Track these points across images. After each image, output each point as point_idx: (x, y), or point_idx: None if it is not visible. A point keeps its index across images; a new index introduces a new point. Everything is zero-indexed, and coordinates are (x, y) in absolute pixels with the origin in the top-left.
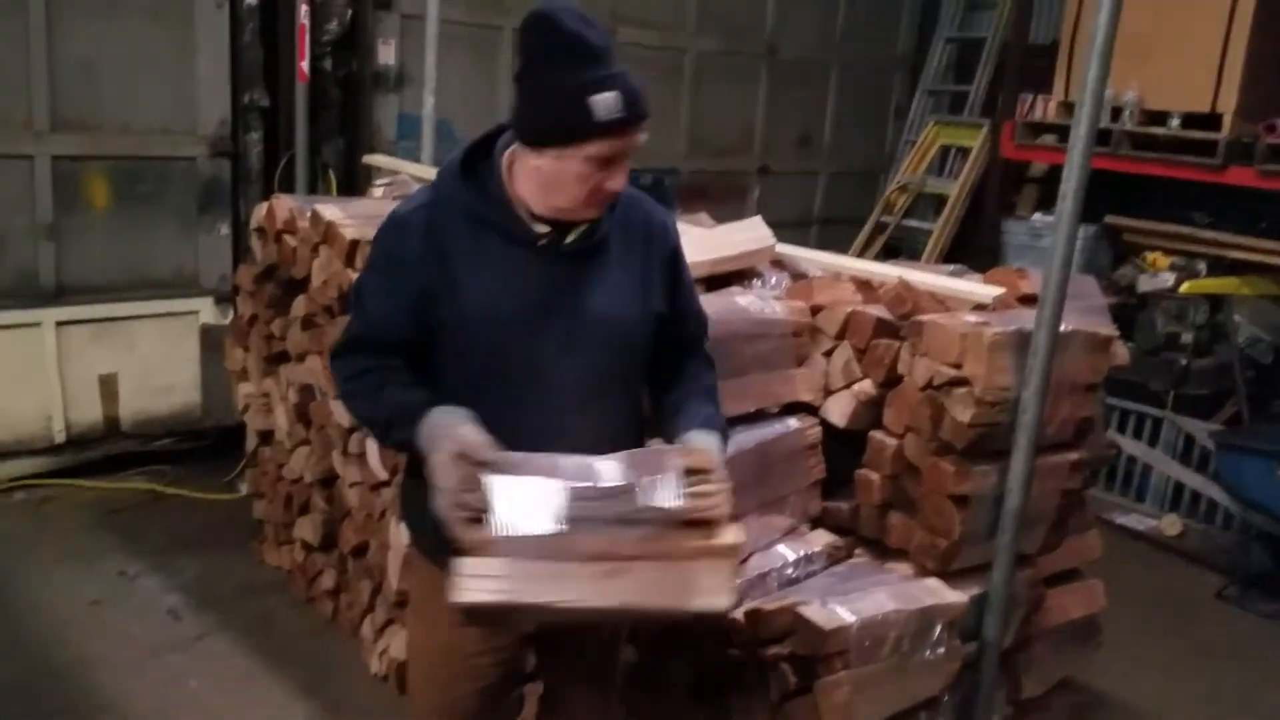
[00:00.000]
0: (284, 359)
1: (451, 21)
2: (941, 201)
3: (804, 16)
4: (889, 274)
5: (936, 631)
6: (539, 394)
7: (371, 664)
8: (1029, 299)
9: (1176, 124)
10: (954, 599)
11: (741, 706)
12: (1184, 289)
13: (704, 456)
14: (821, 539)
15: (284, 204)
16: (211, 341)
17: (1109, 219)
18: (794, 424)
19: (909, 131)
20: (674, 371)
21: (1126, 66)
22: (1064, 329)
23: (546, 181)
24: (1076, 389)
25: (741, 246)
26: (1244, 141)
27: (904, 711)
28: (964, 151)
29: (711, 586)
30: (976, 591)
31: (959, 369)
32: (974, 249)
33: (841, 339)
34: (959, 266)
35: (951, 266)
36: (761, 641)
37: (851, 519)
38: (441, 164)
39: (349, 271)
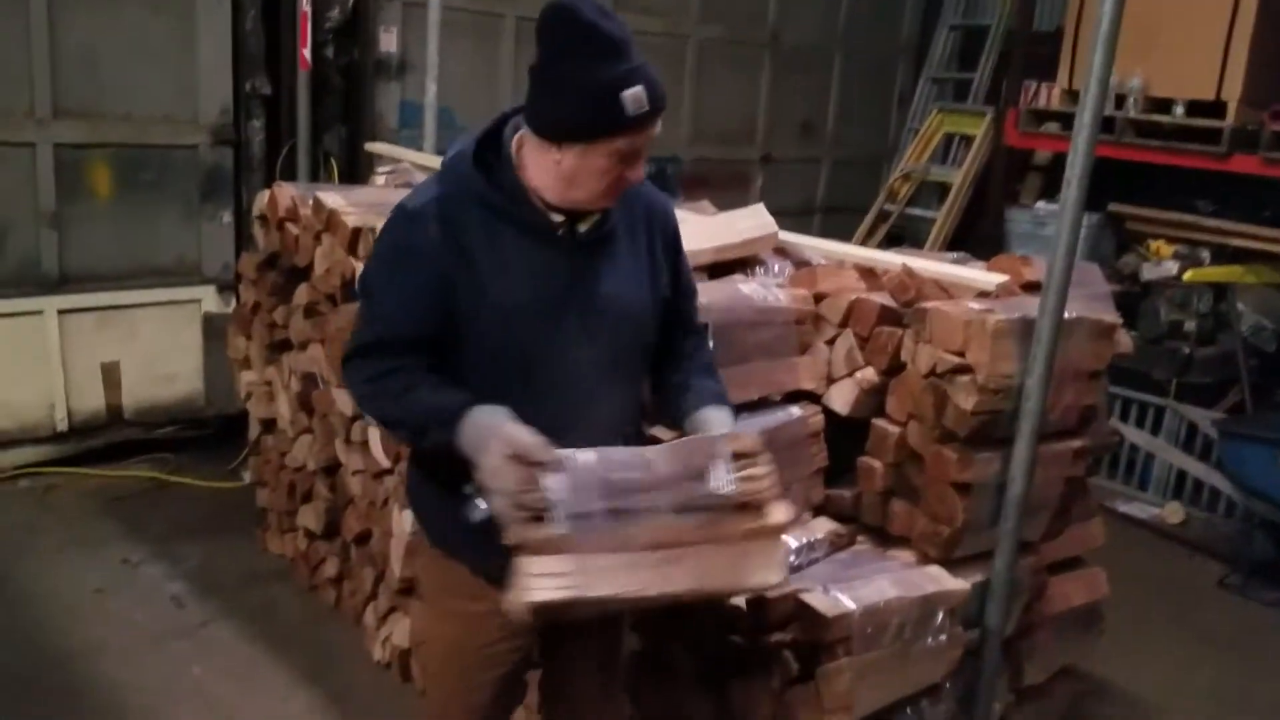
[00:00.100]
0: (286, 347)
1: (453, 9)
2: (945, 190)
3: (807, 3)
4: (892, 261)
5: (939, 619)
6: (556, 383)
7: (374, 651)
8: (1032, 286)
9: (1181, 111)
10: (956, 586)
11: (744, 693)
12: (1187, 277)
13: (750, 440)
14: (824, 527)
15: (286, 192)
16: (214, 330)
17: (1113, 207)
18: (797, 412)
19: (912, 119)
20: (674, 349)
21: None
22: (1067, 316)
23: (567, 175)
24: (1080, 376)
25: (744, 234)
26: (1249, 129)
27: (906, 698)
28: (967, 139)
29: (764, 564)
30: (979, 579)
31: (962, 356)
32: (977, 237)
33: (844, 327)
34: (962, 254)
35: (955, 254)
36: (764, 628)
37: (854, 507)
38: (446, 155)
39: (351, 259)
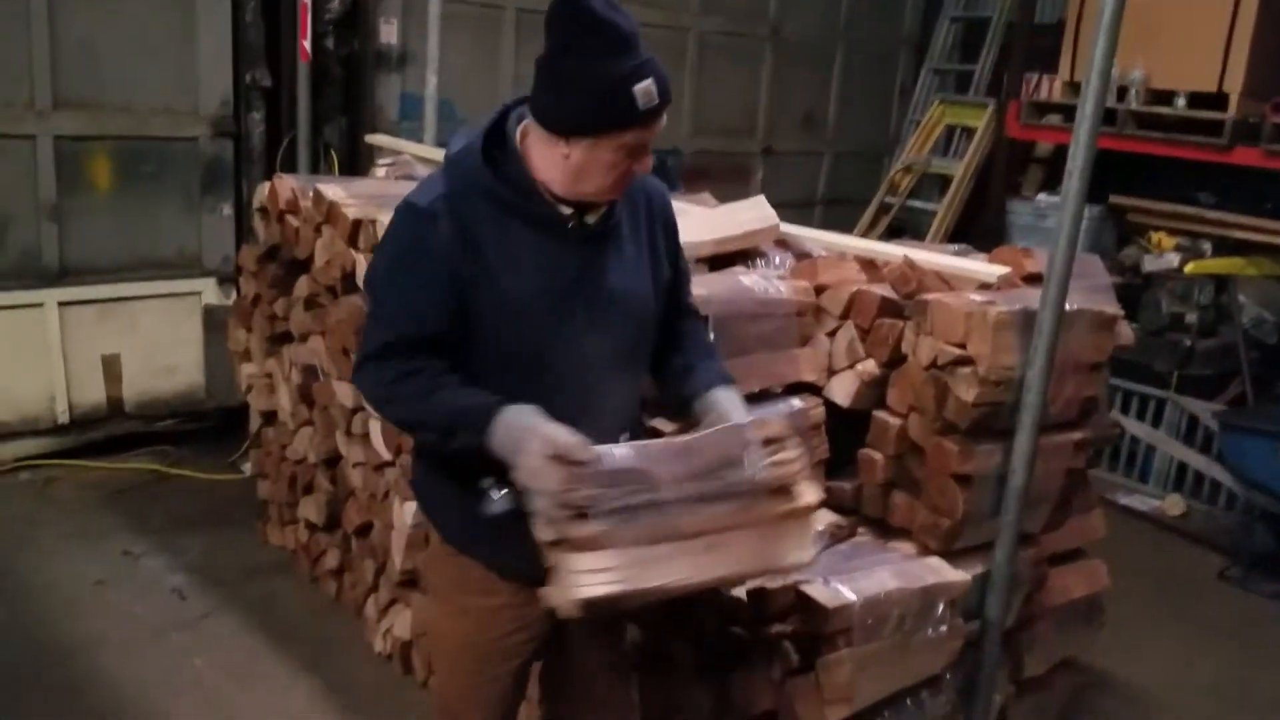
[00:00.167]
0: (287, 339)
1: (454, 0)
2: (946, 182)
3: None
4: (893, 253)
5: (939, 610)
6: (565, 376)
7: (375, 643)
8: (1034, 278)
9: (1183, 103)
10: (956, 578)
11: (744, 684)
12: (1189, 269)
13: (779, 425)
14: (824, 518)
15: (286, 184)
16: (214, 322)
17: (1114, 199)
18: (797, 404)
19: (914, 111)
20: (672, 332)
21: (1133, 45)
22: (1069, 308)
23: (576, 169)
24: (1081, 368)
25: (745, 226)
26: (1250, 121)
27: (906, 689)
28: (969, 131)
29: (798, 544)
30: (979, 570)
31: (963, 348)
32: (979, 229)
33: (845, 318)
34: (964, 246)
35: (956, 246)
36: (764, 620)
37: (855, 498)
38: (449, 149)
39: (351, 251)
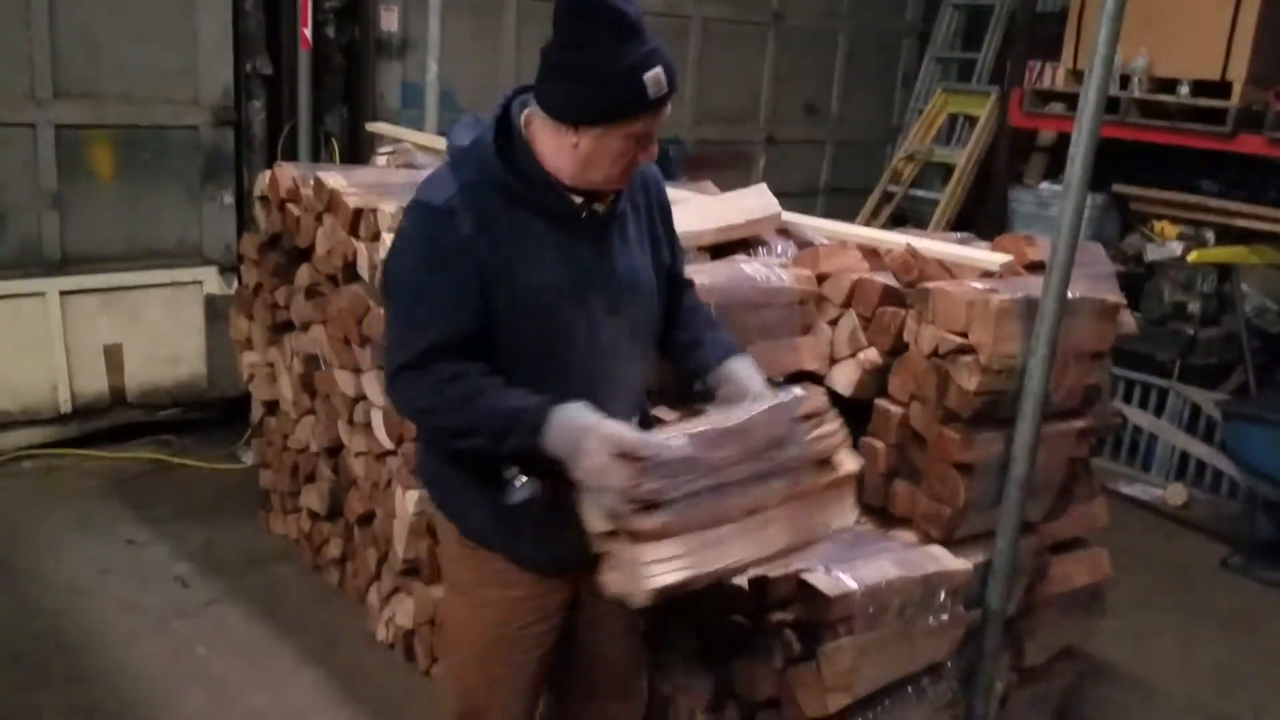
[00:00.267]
0: (288, 328)
1: None
2: (949, 171)
3: None
4: (895, 241)
5: (940, 598)
6: (585, 365)
7: (378, 631)
8: (1036, 266)
9: (1186, 91)
10: (958, 566)
11: (745, 672)
12: (1192, 258)
13: (818, 400)
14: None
15: (287, 172)
16: (216, 311)
17: (1117, 187)
18: (799, 392)
19: (916, 100)
20: (676, 308)
21: (1136, 33)
22: (1071, 296)
23: (584, 158)
24: (1083, 356)
25: (747, 214)
26: (1254, 109)
27: (907, 677)
28: (972, 120)
29: (841, 510)
30: (981, 559)
31: (965, 337)
32: (981, 218)
33: (847, 307)
34: (966, 234)
35: (959, 234)
36: (766, 608)
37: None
38: (455, 142)
39: (352, 240)
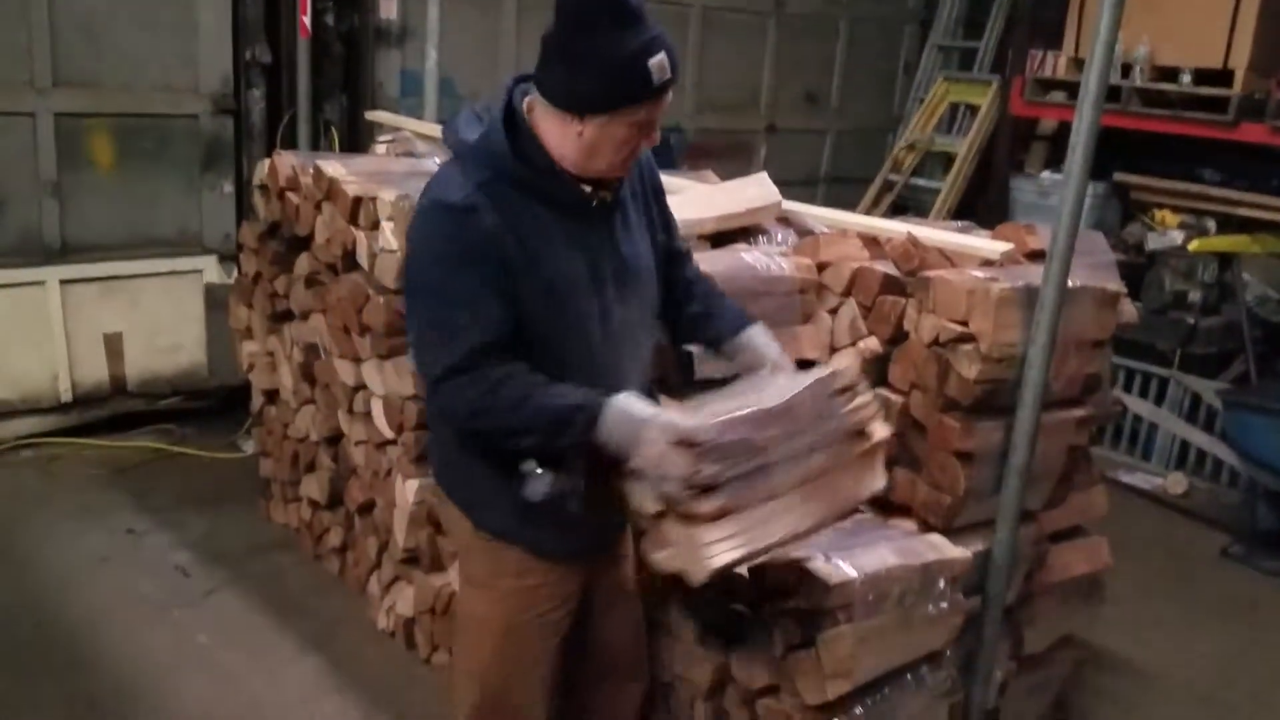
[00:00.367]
0: (288, 317)
1: None
2: (950, 160)
3: None
4: (896, 230)
5: (940, 586)
6: (599, 351)
7: (378, 620)
8: (1037, 255)
9: (1188, 80)
10: (957, 555)
11: (745, 659)
12: (1193, 247)
13: (852, 373)
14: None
15: (286, 161)
16: (216, 300)
17: (1118, 176)
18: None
19: (918, 89)
20: (676, 280)
21: (1137, 22)
22: (1071, 285)
23: (588, 147)
24: (1083, 345)
25: (748, 203)
26: (1256, 98)
27: (907, 665)
28: (973, 109)
29: (873, 476)
30: (980, 547)
31: (965, 325)
32: (982, 207)
33: (848, 296)
34: (967, 223)
35: (960, 223)
36: (765, 595)
37: None
38: (459, 137)
39: (352, 229)
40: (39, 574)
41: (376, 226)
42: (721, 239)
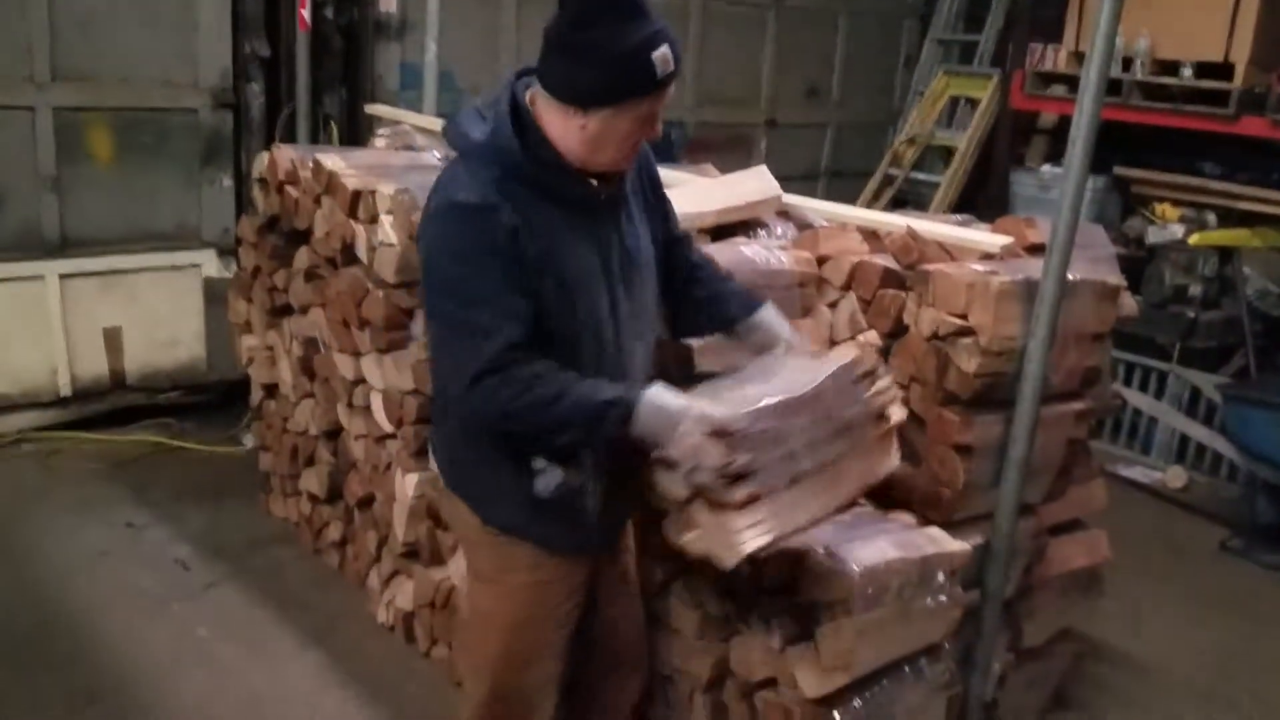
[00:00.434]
0: (287, 311)
1: None
2: (950, 154)
3: None
4: (896, 224)
5: (939, 580)
6: (611, 341)
7: (378, 614)
8: (1036, 248)
9: (1188, 73)
10: (956, 548)
11: (744, 652)
12: (1193, 241)
13: (872, 358)
14: None
15: (285, 154)
16: (215, 294)
17: (1118, 170)
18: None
19: (918, 83)
20: (682, 265)
21: (1138, 15)
22: (1071, 278)
23: (592, 140)
24: (1083, 338)
25: (747, 196)
26: (1257, 91)
27: (905, 657)
28: (973, 102)
29: (887, 456)
30: (979, 540)
31: (965, 319)
32: (983, 201)
33: (847, 289)
34: (967, 216)
35: (960, 216)
36: (764, 588)
37: None
38: (465, 134)
39: (351, 222)
40: (38, 568)
41: (376, 220)
42: (721, 233)
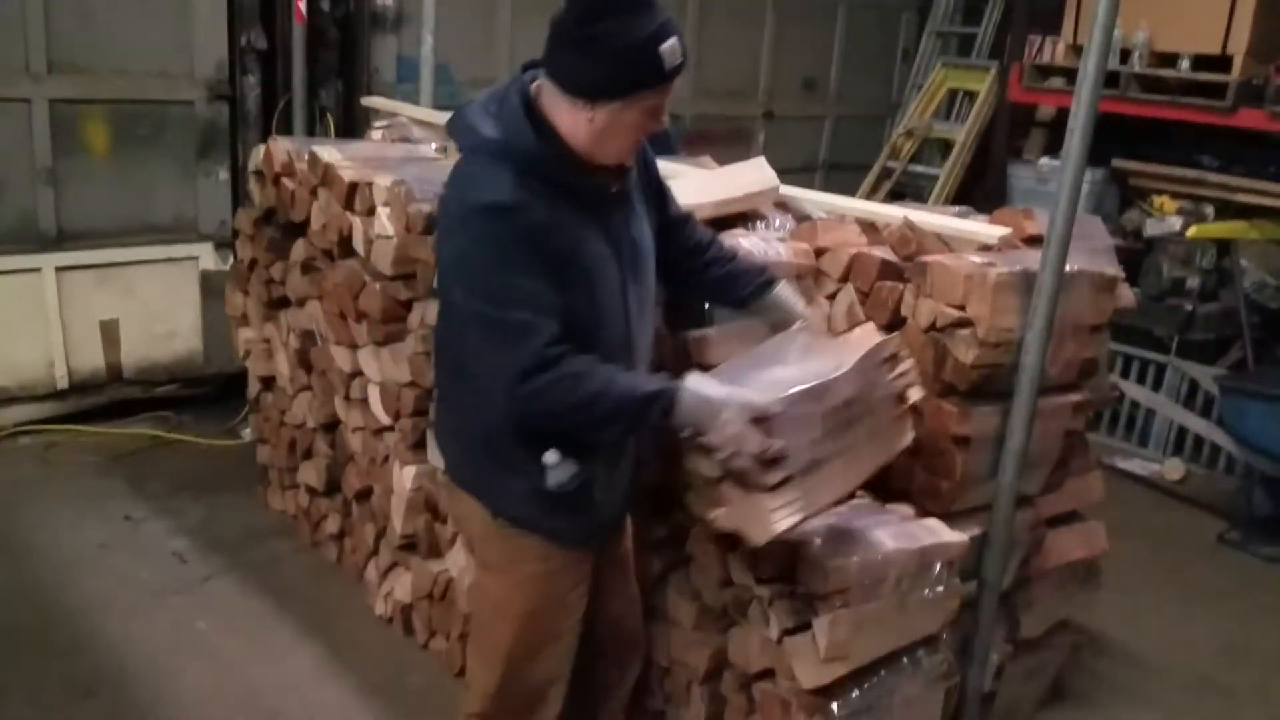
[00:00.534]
0: (284, 304)
1: None
2: (948, 146)
3: None
4: (893, 215)
5: (936, 571)
6: (621, 331)
7: (376, 606)
8: (1034, 240)
9: (1186, 66)
10: (954, 539)
11: (741, 643)
12: (1191, 233)
13: (894, 342)
14: None
15: (282, 146)
16: (212, 287)
17: (1116, 162)
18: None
19: (916, 75)
20: (687, 244)
21: (1136, 7)
22: (1069, 270)
23: (599, 133)
24: (1081, 330)
25: (745, 188)
26: (1254, 83)
27: (903, 648)
28: (971, 95)
29: (903, 433)
30: (977, 532)
31: (963, 310)
32: (981, 194)
33: (845, 281)
34: (965, 208)
35: (958, 208)
36: (762, 579)
37: None
38: (483, 136)
39: (348, 215)
40: (37, 561)
41: (372, 212)
42: (719, 224)
